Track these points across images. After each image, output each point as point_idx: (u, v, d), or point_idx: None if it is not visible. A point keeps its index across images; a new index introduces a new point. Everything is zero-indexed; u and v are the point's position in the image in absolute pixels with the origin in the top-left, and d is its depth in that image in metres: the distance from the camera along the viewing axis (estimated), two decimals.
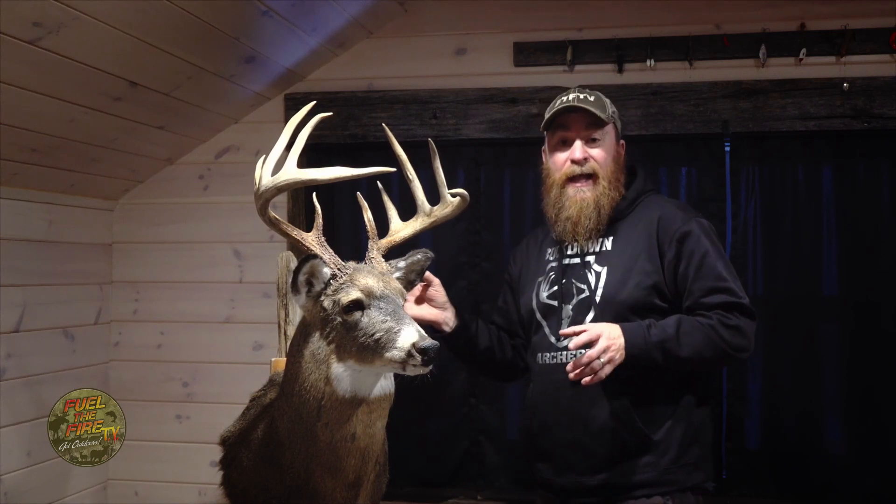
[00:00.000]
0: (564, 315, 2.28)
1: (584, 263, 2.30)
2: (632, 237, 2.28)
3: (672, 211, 2.29)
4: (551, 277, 2.35)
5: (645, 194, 2.36)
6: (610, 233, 2.31)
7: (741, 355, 2.19)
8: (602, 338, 2.07)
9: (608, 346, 2.07)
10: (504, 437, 3.30)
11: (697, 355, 2.13)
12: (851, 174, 3.10)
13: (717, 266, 2.19)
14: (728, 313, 2.14)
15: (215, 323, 3.42)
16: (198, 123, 3.27)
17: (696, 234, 2.22)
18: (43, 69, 2.38)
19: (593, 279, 2.26)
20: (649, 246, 2.24)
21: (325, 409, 1.89)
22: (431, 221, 2.18)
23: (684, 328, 2.13)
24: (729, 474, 3.09)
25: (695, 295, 2.18)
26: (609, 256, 2.28)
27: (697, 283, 2.18)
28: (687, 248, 2.21)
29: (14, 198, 2.91)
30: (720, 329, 2.12)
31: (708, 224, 2.29)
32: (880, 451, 3.02)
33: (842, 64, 3.02)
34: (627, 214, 2.32)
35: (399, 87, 3.29)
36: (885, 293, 3.04)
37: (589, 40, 3.15)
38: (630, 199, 2.33)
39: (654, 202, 2.34)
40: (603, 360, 2.06)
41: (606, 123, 2.32)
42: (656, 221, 2.26)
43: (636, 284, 2.21)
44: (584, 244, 2.31)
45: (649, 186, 2.40)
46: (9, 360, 2.92)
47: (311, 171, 1.99)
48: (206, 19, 2.56)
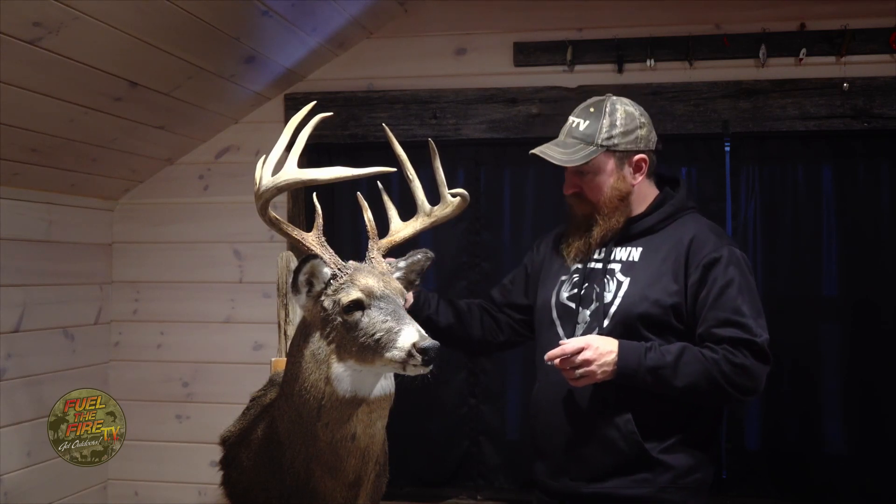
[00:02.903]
0: (581, 320, 2.26)
1: (608, 270, 2.26)
2: (660, 252, 2.22)
3: (706, 234, 2.21)
4: (574, 279, 2.31)
5: (684, 212, 2.29)
6: (640, 243, 2.26)
7: (745, 397, 2.14)
8: (587, 350, 2.07)
9: (589, 360, 2.06)
10: (504, 437, 3.30)
11: (692, 388, 2.08)
12: (851, 174, 3.10)
13: (736, 298, 2.11)
14: (735, 350, 2.07)
15: (215, 323, 3.42)
16: (198, 123, 3.27)
17: (724, 263, 2.14)
18: (43, 69, 2.38)
19: (613, 287, 2.22)
20: (676, 266, 2.18)
21: (325, 409, 1.89)
22: (431, 221, 2.18)
23: (685, 358, 2.08)
24: (729, 474, 3.08)
25: (707, 323, 2.12)
26: (634, 268, 2.23)
27: (713, 311, 2.12)
28: (712, 274, 2.14)
29: (14, 198, 2.91)
30: (723, 365, 2.06)
31: (741, 255, 2.20)
32: (880, 451, 3.02)
33: (842, 64, 3.02)
34: (661, 229, 2.26)
35: (399, 87, 3.29)
36: (885, 293, 3.03)
37: (589, 40, 3.15)
38: (667, 213, 2.27)
39: (691, 222, 2.26)
40: (578, 372, 2.07)
41: (593, 159, 2.24)
42: (688, 242, 2.20)
43: (655, 301, 2.16)
44: (612, 249, 2.27)
45: (690, 204, 2.32)
46: (9, 360, 2.92)
47: (311, 171, 1.99)
48: (206, 19, 2.56)
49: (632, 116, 2.27)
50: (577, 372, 2.07)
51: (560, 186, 2.28)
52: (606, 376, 2.09)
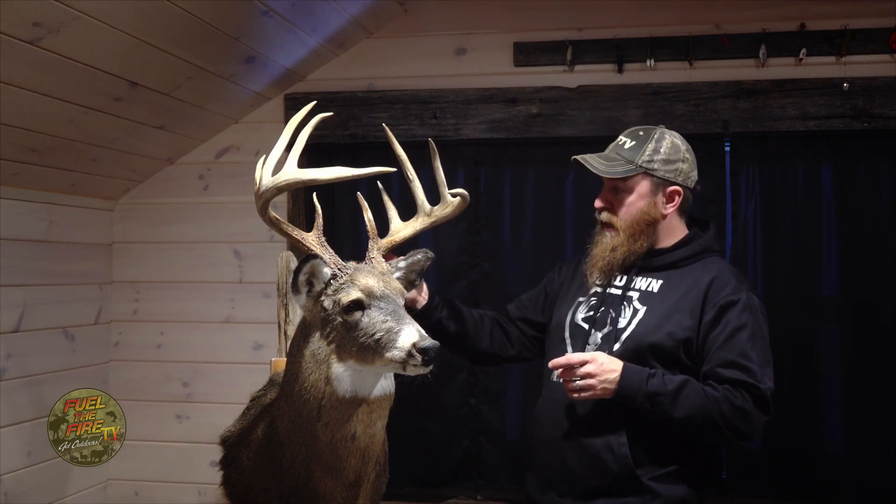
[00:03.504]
0: (592, 341, 2.27)
1: (626, 297, 2.27)
2: (680, 289, 2.24)
3: (727, 278, 2.23)
4: (592, 302, 2.33)
5: (709, 253, 2.31)
6: (661, 276, 2.28)
7: (739, 441, 2.14)
8: (591, 363, 2.08)
9: (592, 373, 2.07)
10: (504, 437, 3.30)
11: (688, 421, 2.08)
12: (851, 174, 3.10)
13: (746, 343, 2.13)
14: (737, 391, 2.08)
15: (215, 323, 3.42)
16: (198, 123, 3.27)
17: (741, 307, 2.16)
18: (43, 69, 2.38)
19: (629, 314, 2.24)
20: (693, 303, 2.20)
21: (325, 409, 1.89)
22: (431, 221, 2.19)
23: (686, 390, 2.08)
24: (729, 474, 3.08)
25: (713, 362, 2.13)
26: (652, 298, 2.25)
27: (720, 352, 2.13)
28: (726, 316, 2.16)
29: (14, 198, 2.91)
30: (723, 405, 2.07)
31: (758, 303, 2.23)
32: (880, 451, 3.02)
33: (842, 64, 3.02)
34: (684, 266, 2.28)
35: (399, 87, 3.29)
36: (885, 293, 3.04)
37: (589, 40, 3.15)
38: (693, 251, 2.30)
39: (715, 264, 2.28)
40: (578, 383, 2.07)
41: (631, 177, 2.28)
42: (708, 282, 2.22)
43: (668, 334, 2.17)
44: (633, 278, 2.29)
45: (717, 247, 2.35)
46: (9, 360, 2.92)
47: (311, 171, 1.99)
48: (206, 19, 2.56)
49: (677, 148, 2.30)
50: (577, 384, 2.08)
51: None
52: (606, 394, 2.09)
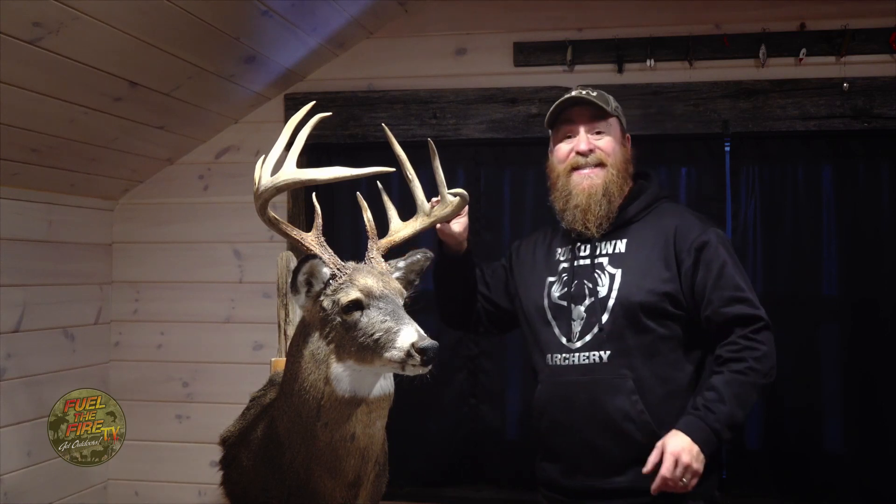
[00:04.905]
0: (576, 316, 2.27)
1: (597, 265, 2.29)
2: (647, 241, 2.27)
3: (689, 220, 2.29)
4: (564, 279, 2.33)
5: (660, 200, 2.36)
6: (623, 235, 2.30)
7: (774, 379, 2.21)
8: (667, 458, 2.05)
9: (687, 463, 2.05)
10: (504, 437, 3.30)
11: (750, 408, 2.16)
12: (851, 174, 3.09)
13: (734, 277, 2.20)
14: (751, 337, 2.15)
15: (215, 323, 3.42)
16: (198, 123, 3.27)
17: (714, 245, 2.22)
18: (43, 69, 2.38)
19: (607, 281, 2.26)
20: (666, 253, 2.24)
21: (324, 409, 1.89)
22: (431, 221, 2.19)
23: (735, 391, 2.11)
24: (729, 474, 3.08)
25: (714, 304, 2.18)
26: (623, 259, 2.27)
27: (716, 292, 2.18)
28: (705, 257, 2.21)
29: (14, 198, 2.91)
30: (757, 371, 2.13)
31: (724, 234, 2.31)
32: (880, 451, 3.02)
33: (842, 64, 3.02)
34: (641, 218, 2.32)
35: (399, 87, 3.29)
36: (885, 293, 3.03)
37: (589, 40, 3.15)
38: (645, 202, 2.33)
39: (670, 209, 2.34)
40: (686, 479, 2.06)
41: (611, 116, 2.34)
42: (673, 229, 2.26)
43: (650, 290, 2.21)
44: (597, 245, 2.31)
45: (664, 193, 2.41)
46: (9, 360, 2.92)
47: (310, 171, 1.99)
48: (206, 19, 2.56)
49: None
50: (685, 482, 2.07)
51: None
52: (702, 463, 2.08)
